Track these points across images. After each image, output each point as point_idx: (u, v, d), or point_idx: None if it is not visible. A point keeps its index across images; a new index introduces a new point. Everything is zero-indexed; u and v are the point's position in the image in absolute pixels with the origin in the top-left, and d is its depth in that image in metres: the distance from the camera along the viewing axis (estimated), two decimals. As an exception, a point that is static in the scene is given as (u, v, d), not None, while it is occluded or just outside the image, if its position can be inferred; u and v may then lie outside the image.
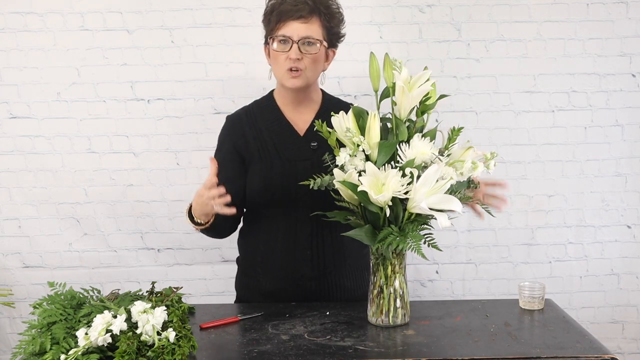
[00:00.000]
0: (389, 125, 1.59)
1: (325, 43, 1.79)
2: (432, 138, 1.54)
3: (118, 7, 2.51)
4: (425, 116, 1.59)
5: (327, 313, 1.70)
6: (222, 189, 1.63)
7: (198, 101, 2.58)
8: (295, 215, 1.83)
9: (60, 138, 2.58)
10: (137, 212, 2.64)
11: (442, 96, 1.59)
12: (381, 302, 1.59)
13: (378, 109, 1.57)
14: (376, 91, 1.61)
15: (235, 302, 2.00)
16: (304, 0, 1.74)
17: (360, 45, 2.48)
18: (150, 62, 2.54)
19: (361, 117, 1.57)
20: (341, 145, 1.58)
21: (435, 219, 1.46)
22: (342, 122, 1.56)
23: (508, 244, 2.70)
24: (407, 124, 1.56)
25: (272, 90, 1.95)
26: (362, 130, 1.55)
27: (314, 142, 1.83)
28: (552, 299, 1.83)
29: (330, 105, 1.86)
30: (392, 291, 1.59)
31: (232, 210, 1.65)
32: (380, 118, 1.56)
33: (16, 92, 2.55)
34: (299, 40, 1.74)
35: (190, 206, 1.78)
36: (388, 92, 1.58)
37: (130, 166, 2.61)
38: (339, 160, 1.54)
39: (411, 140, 1.50)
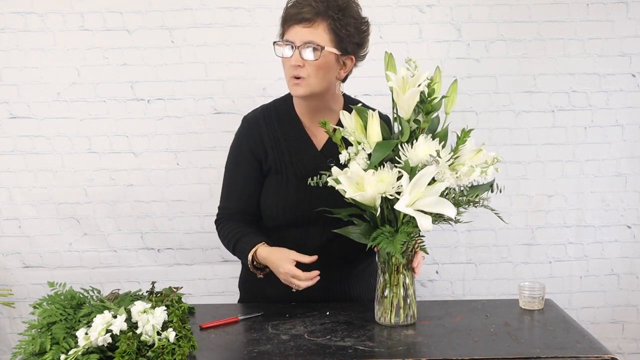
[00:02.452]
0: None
1: (334, 50, 1.64)
2: (442, 139, 1.52)
3: (118, 7, 2.51)
4: (435, 115, 1.57)
5: (327, 313, 1.70)
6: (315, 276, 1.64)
7: (198, 101, 2.58)
8: (305, 229, 1.78)
9: (60, 138, 2.58)
10: (137, 212, 2.64)
11: (443, 97, 1.59)
12: (388, 301, 1.59)
13: (394, 108, 1.56)
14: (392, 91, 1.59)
15: (238, 301, 1.99)
16: (309, 2, 1.64)
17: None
18: (150, 62, 2.54)
19: (365, 116, 1.57)
20: (348, 143, 1.57)
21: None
22: (347, 121, 1.57)
23: (508, 244, 2.70)
24: (415, 125, 1.54)
25: None
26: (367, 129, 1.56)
27: (331, 157, 1.69)
28: (552, 299, 1.83)
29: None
30: (399, 291, 1.58)
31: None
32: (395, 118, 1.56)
33: (16, 92, 2.55)
34: (300, 46, 1.63)
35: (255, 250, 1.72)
36: None
37: (130, 166, 2.61)
38: (341, 158, 1.54)
39: (416, 141, 1.48)
